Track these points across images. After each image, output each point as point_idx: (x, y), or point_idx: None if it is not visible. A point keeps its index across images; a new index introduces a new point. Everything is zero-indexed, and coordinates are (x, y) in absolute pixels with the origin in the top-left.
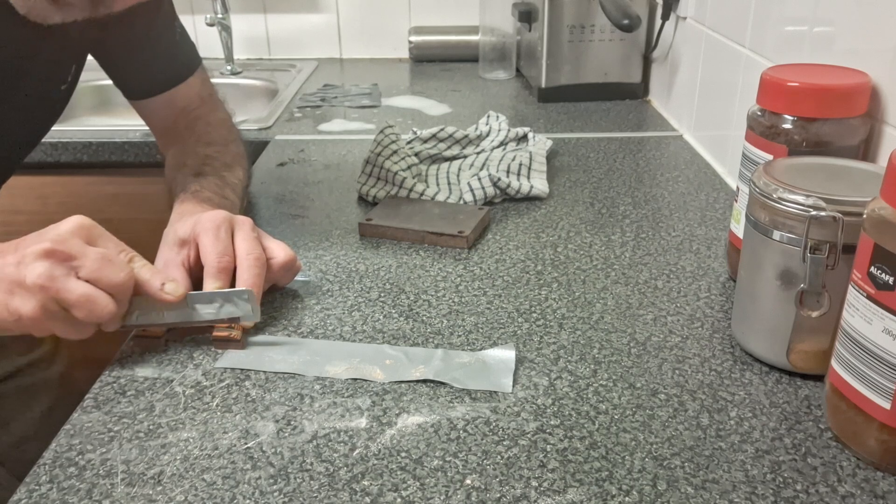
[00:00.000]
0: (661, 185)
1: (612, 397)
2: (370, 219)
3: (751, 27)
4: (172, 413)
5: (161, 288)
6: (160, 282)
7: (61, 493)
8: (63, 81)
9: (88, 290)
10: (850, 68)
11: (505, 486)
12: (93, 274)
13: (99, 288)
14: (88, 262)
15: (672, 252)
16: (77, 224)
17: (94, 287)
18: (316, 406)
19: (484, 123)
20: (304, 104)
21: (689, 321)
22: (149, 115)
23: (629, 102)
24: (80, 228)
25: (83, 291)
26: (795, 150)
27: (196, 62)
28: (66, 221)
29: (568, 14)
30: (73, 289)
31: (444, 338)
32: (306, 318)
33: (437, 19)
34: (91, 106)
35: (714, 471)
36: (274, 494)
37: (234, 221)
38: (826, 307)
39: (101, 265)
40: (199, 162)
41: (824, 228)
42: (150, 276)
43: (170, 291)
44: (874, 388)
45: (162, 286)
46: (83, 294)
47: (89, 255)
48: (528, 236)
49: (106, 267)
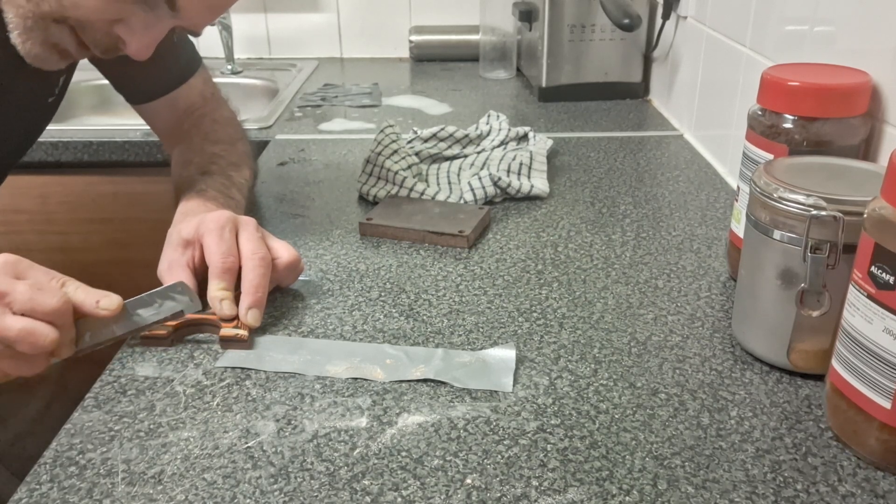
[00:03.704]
0: (661, 185)
1: (612, 397)
2: (370, 218)
3: (751, 27)
4: (173, 412)
5: (97, 305)
6: (94, 299)
7: (62, 493)
8: (50, 94)
9: (26, 324)
10: (850, 68)
11: (505, 486)
12: (26, 305)
13: (36, 318)
14: (19, 295)
15: (672, 251)
16: (1, 262)
17: (30, 319)
18: (316, 405)
19: (484, 123)
20: (304, 104)
21: (690, 321)
22: (152, 118)
23: (630, 102)
24: (5, 266)
25: (21, 326)
26: (796, 149)
27: (196, 62)
28: None
29: (568, 13)
30: (10, 325)
31: (445, 337)
32: (307, 318)
33: (437, 19)
34: (91, 105)
35: (714, 470)
36: (274, 494)
37: (239, 222)
38: (826, 307)
39: (32, 295)
40: (206, 160)
41: (825, 228)
42: (85, 296)
43: (105, 306)
44: (875, 388)
45: (97, 303)
46: (22, 328)
47: (18, 288)
48: (529, 236)
49: (38, 296)
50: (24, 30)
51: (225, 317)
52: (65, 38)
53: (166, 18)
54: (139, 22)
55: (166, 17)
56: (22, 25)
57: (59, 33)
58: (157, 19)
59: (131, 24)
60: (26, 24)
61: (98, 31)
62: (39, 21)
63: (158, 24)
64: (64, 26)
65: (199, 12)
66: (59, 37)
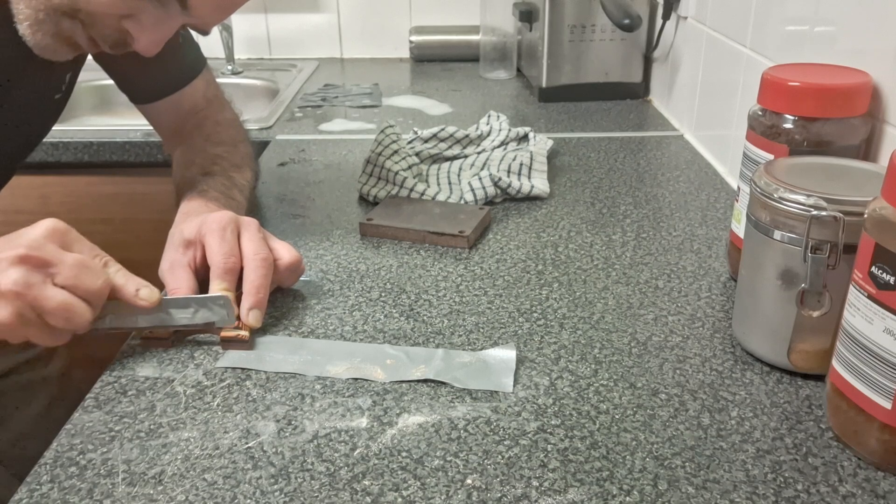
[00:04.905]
0: (661, 185)
1: (612, 397)
2: (371, 218)
3: (752, 27)
4: (173, 413)
5: (136, 293)
6: (135, 287)
7: (62, 493)
8: (57, 91)
9: (66, 298)
10: (851, 68)
11: (506, 486)
12: (70, 281)
13: (76, 295)
14: (65, 268)
15: (673, 252)
16: (51, 228)
17: (71, 294)
18: (317, 406)
19: (485, 123)
20: (304, 104)
21: (690, 321)
22: (155, 119)
23: (630, 102)
24: (54, 233)
25: (61, 299)
26: (796, 149)
27: (201, 63)
28: (39, 225)
29: (569, 14)
30: (50, 296)
31: (445, 337)
32: (307, 318)
33: (437, 19)
34: (92, 106)
35: (715, 470)
36: (275, 494)
37: (241, 222)
38: (827, 307)
39: (77, 272)
40: (207, 161)
41: (825, 228)
42: (126, 281)
43: (145, 297)
44: (875, 388)
45: (137, 291)
46: (61, 302)
47: (66, 261)
48: (529, 236)
49: (83, 273)
50: (35, 21)
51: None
52: (76, 31)
53: (176, 16)
54: (149, 18)
55: (176, 15)
56: (33, 17)
57: (70, 27)
58: (168, 16)
59: (141, 20)
60: (38, 16)
61: (108, 27)
62: (51, 13)
63: (169, 21)
64: (75, 20)
65: (210, 11)
66: (70, 30)
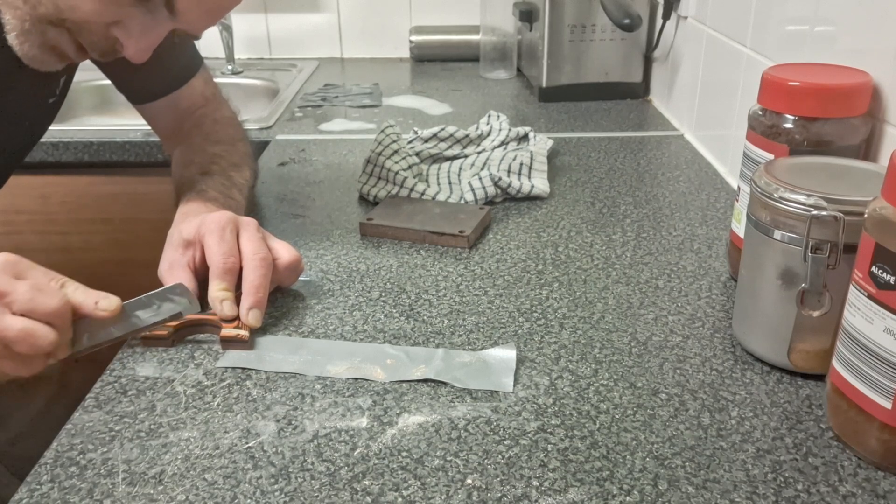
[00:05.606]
0: (661, 185)
1: (613, 397)
2: (371, 218)
3: (752, 27)
4: (173, 412)
5: (96, 306)
6: (94, 300)
7: (62, 493)
8: (52, 95)
9: (26, 324)
10: (851, 68)
11: (506, 486)
12: (26, 305)
13: (35, 319)
14: (19, 295)
15: (673, 251)
16: (2, 261)
17: (30, 320)
18: (317, 405)
19: (485, 123)
20: (304, 104)
21: (690, 321)
22: (153, 118)
23: (630, 102)
24: (5, 265)
25: (21, 326)
26: (796, 149)
27: (198, 63)
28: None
29: (569, 13)
30: (10, 325)
31: (445, 337)
32: (307, 318)
33: (437, 19)
34: (91, 106)
35: (715, 470)
36: (275, 494)
37: (240, 222)
38: (827, 307)
39: (31, 295)
40: (206, 160)
41: (825, 228)
42: (85, 297)
43: (104, 307)
44: (875, 388)
45: (96, 304)
46: (21, 329)
47: (18, 288)
48: (529, 236)
49: (38, 297)
50: (22, 32)
51: (226, 317)
52: (62, 40)
53: (165, 21)
54: (137, 25)
55: (165, 21)
56: (19, 28)
57: (57, 36)
58: (156, 22)
59: (129, 27)
60: (24, 26)
61: (95, 34)
62: (37, 23)
63: (157, 27)
64: (61, 29)
65: (198, 16)
66: (57, 39)
